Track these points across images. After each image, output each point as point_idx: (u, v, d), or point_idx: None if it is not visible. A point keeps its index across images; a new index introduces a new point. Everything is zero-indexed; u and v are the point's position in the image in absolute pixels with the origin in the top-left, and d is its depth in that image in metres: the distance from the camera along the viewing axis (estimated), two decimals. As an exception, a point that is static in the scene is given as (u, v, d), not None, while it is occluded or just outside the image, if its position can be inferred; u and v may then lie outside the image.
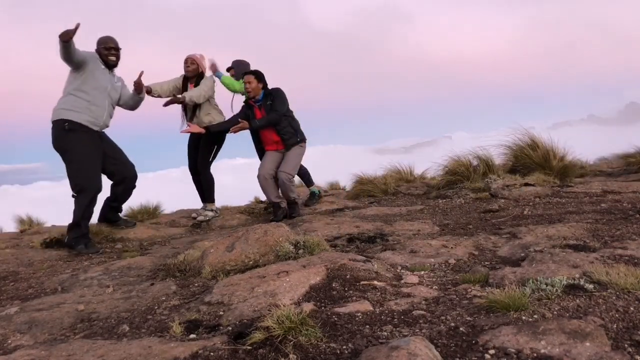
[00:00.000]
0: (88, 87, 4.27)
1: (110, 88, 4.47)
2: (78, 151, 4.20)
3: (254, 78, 5.08)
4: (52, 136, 4.29)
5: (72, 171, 4.20)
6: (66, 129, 4.16)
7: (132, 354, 1.71)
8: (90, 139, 4.31)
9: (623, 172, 6.17)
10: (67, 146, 4.20)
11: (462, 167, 5.81)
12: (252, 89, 5.06)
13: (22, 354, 1.81)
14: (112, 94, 4.51)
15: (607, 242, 2.77)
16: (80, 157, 4.21)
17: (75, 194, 4.20)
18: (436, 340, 1.66)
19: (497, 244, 3.05)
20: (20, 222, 6.28)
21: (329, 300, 2.12)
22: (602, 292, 1.94)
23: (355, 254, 2.85)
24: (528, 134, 6.19)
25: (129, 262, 3.45)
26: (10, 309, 2.44)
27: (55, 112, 4.27)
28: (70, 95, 4.25)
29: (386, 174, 7.08)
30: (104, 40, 4.48)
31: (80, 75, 4.25)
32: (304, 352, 1.62)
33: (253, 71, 5.18)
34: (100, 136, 4.45)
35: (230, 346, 1.73)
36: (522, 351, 1.52)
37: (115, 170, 4.60)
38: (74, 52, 4.06)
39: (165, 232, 5.05)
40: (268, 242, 3.04)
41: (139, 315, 2.28)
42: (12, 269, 3.61)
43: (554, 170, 5.58)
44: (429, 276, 2.53)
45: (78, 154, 4.20)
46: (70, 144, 4.20)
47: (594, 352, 1.48)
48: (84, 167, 4.21)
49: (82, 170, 4.20)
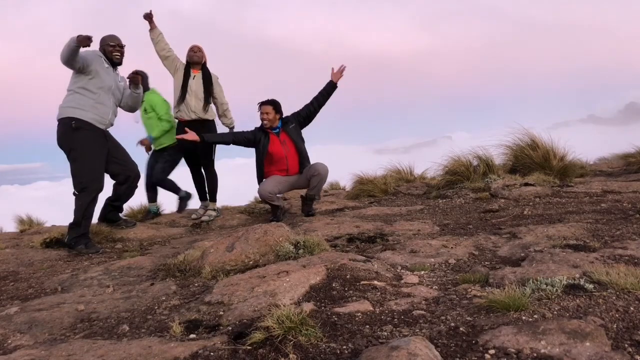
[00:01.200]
0: (93, 86, 4.27)
1: (115, 87, 4.47)
2: (84, 150, 4.21)
3: (272, 109, 4.91)
4: (58, 134, 4.27)
5: (77, 169, 4.20)
6: (73, 127, 4.16)
7: (132, 354, 1.71)
8: (96, 137, 4.32)
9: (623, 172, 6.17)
10: (73, 144, 4.19)
11: (462, 167, 5.82)
12: (269, 120, 4.91)
13: (22, 354, 1.81)
14: (116, 93, 4.52)
15: (607, 242, 2.77)
16: (85, 156, 4.21)
17: (77, 192, 4.19)
18: (436, 340, 1.66)
19: (497, 244, 3.05)
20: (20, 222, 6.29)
21: (329, 300, 2.12)
22: (602, 292, 1.94)
23: (355, 254, 2.85)
24: (528, 134, 6.20)
25: (129, 262, 3.45)
26: (10, 309, 2.44)
27: (61, 109, 4.26)
28: (76, 94, 4.24)
29: (386, 174, 7.08)
30: (109, 38, 4.47)
31: (85, 75, 4.25)
32: (304, 352, 1.62)
33: (271, 101, 4.96)
34: (105, 135, 4.45)
35: (230, 346, 1.73)
36: (522, 351, 1.52)
37: (119, 170, 4.60)
38: (78, 57, 4.07)
39: (165, 232, 5.05)
40: (268, 242, 3.04)
41: (139, 315, 2.28)
42: (12, 269, 3.61)
43: (554, 170, 5.58)
44: (429, 276, 2.53)
45: (84, 152, 4.21)
46: (77, 142, 4.19)
47: (594, 352, 1.48)
48: (89, 165, 4.22)
49: (87, 169, 4.20)
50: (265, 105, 4.94)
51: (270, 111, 4.90)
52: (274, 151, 4.94)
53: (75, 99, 4.23)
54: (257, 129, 5.04)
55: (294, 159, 5.01)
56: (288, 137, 4.98)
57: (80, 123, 4.19)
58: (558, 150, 5.87)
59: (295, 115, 5.09)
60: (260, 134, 4.99)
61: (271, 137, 4.96)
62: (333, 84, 5.11)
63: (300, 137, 5.08)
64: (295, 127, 5.04)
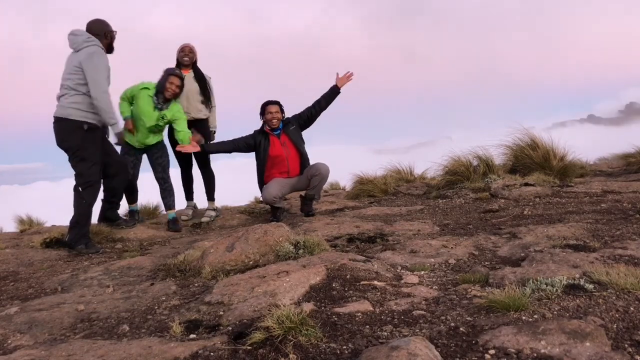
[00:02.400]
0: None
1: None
2: (93, 150, 4.23)
3: (279, 109, 4.93)
4: (62, 132, 4.20)
5: (84, 168, 4.19)
6: (85, 129, 4.14)
7: (132, 354, 1.72)
8: (101, 137, 4.38)
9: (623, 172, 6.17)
10: (83, 143, 4.17)
11: (462, 167, 5.81)
12: (279, 120, 4.91)
13: (22, 354, 1.81)
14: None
15: (607, 242, 2.77)
16: (93, 156, 4.24)
17: (82, 189, 4.17)
18: (436, 340, 1.67)
19: (497, 244, 3.05)
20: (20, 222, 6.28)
21: (329, 300, 2.12)
22: (602, 292, 1.94)
23: (355, 254, 2.85)
24: (528, 134, 6.20)
25: (129, 262, 3.45)
26: (10, 309, 2.44)
27: (67, 109, 4.13)
28: (85, 96, 4.14)
29: (386, 174, 7.08)
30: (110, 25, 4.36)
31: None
32: (304, 352, 1.62)
33: (277, 102, 4.97)
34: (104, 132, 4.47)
35: (230, 346, 1.73)
36: (522, 351, 1.52)
37: (111, 162, 4.61)
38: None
39: (165, 232, 5.05)
40: (268, 242, 3.04)
41: (139, 315, 2.28)
42: (12, 269, 3.60)
43: (554, 170, 5.58)
44: (429, 276, 2.53)
45: (93, 152, 4.24)
46: (87, 142, 4.19)
47: (594, 352, 1.48)
48: (96, 165, 4.26)
49: (94, 169, 4.24)
50: (273, 105, 4.93)
51: (278, 111, 4.90)
52: (275, 153, 4.92)
53: (86, 101, 4.14)
54: (257, 132, 5.02)
55: (295, 160, 4.99)
56: (289, 138, 4.95)
57: (92, 126, 4.18)
58: (558, 150, 5.87)
59: (297, 117, 5.07)
60: (260, 136, 4.96)
61: (271, 139, 4.93)
62: (337, 89, 5.08)
63: (300, 138, 5.06)
64: (296, 129, 5.02)
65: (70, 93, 4.15)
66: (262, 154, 4.95)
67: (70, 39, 4.21)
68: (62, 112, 4.17)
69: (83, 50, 4.12)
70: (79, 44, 4.16)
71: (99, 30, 4.28)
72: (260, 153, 4.96)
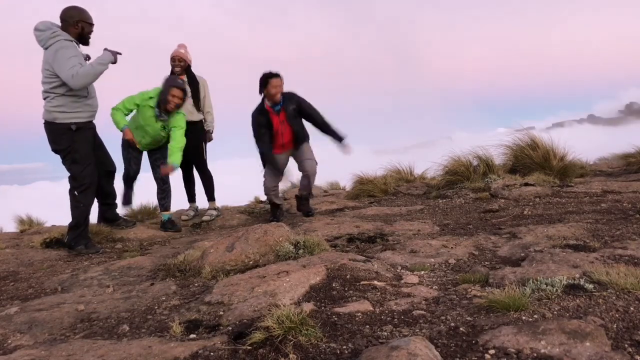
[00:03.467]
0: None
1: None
2: (85, 150, 4.14)
3: (282, 81, 4.75)
4: (51, 135, 4.11)
5: (78, 171, 4.12)
6: (74, 130, 4.06)
7: (132, 354, 1.72)
8: (92, 135, 4.29)
9: (623, 172, 6.16)
10: (74, 145, 4.08)
11: (462, 167, 5.81)
12: (280, 93, 4.78)
13: (22, 354, 1.81)
14: None
15: (607, 242, 2.77)
16: (86, 157, 4.15)
17: (78, 193, 4.14)
18: (436, 340, 1.67)
19: (497, 244, 3.05)
20: (20, 222, 6.28)
21: (329, 300, 2.12)
22: (602, 292, 1.94)
23: (355, 254, 2.85)
24: (528, 134, 6.20)
25: (129, 262, 3.45)
26: (10, 309, 2.44)
27: (52, 113, 4.01)
28: (65, 97, 3.99)
29: (386, 174, 7.07)
30: (86, 15, 4.07)
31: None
32: (304, 352, 1.62)
33: (278, 74, 4.74)
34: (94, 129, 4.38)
35: (230, 346, 1.73)
36: (522, 351, 1.52)
37: (103, 159, 4.57)
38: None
39: (165, 232, 5.05)
40: (268, 242, 3.04)
41: (139, 315, 2.28)
42: (12, 269, 3.61)
43: (554, 170, 5.58)
44: (429, 276, 2.53)
45: (85, 153, 4.14)
46: (77, 143, 4.09)
47: (594, 352, 1.48)
48: (90, 167, 4.18)
49: (88, 171, 4.15)
50: (276, 78, 4.71)
51: (280, 83, 4.73)
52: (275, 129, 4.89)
53: (67, 102, 4.01)
54: (258, 114, 4.85)
55: (288, 135, 4.92)
56: (286, 118, 4.86)
57: (79, 125, 4.08)
58: (558, 150, 5.86)
59: (302, 101, 4.93)
60: (262, 118, 4.83)
61: (272, 117, 4.84)
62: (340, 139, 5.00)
63: (297, 121, 4.94)
64: (295, 110, 4.90)
65: (51, 96, 4.00)
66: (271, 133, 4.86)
67: (36, 35, 3.96)
68: (48, 117, 4.06)
69: (50, 48, 3.89)
70: (45, 41, 3.91)
71: (67, 17, 4.01)
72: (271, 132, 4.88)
